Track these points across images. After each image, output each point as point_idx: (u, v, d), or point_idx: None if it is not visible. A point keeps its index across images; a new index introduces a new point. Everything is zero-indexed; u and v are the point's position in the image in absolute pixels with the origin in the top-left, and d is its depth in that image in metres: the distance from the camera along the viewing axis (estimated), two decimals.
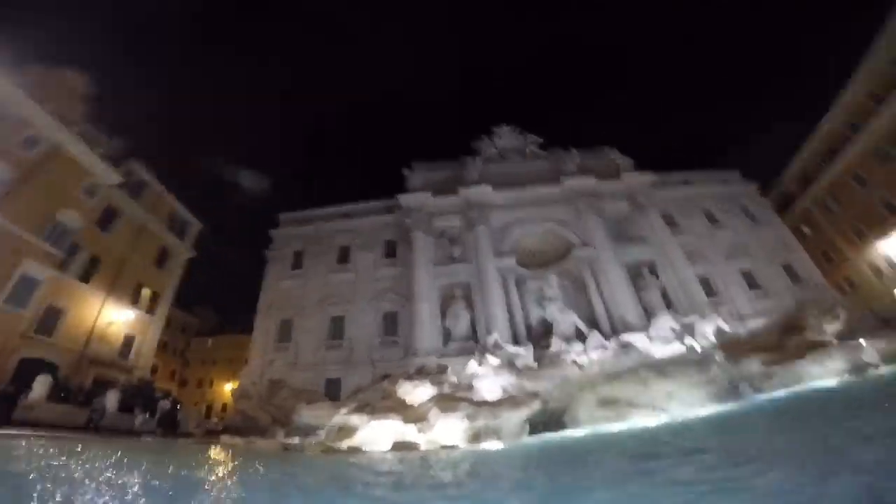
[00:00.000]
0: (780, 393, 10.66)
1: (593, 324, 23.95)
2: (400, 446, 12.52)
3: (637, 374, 11.86)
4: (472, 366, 19.89)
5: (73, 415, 16.89)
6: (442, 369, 21.77)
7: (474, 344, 23.03)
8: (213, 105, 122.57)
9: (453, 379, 20.23)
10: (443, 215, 29.87)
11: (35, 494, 4.08)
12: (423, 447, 12.51)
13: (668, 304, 24.95)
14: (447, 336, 24.99)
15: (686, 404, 10.75)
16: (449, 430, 13.65)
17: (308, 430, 16.59)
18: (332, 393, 24.11)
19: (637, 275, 26.53)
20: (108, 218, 29.32)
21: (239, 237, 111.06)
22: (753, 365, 11.90)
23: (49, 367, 21.67)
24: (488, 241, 27.93)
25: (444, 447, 12.02)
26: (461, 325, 25.24)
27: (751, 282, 30.08)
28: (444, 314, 25.69)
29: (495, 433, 13.07)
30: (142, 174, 32.77)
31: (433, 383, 19.03)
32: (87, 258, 27.30)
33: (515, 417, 13.72)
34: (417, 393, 18.06)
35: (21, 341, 21.89)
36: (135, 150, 32.54)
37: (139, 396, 21.98)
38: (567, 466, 6.88)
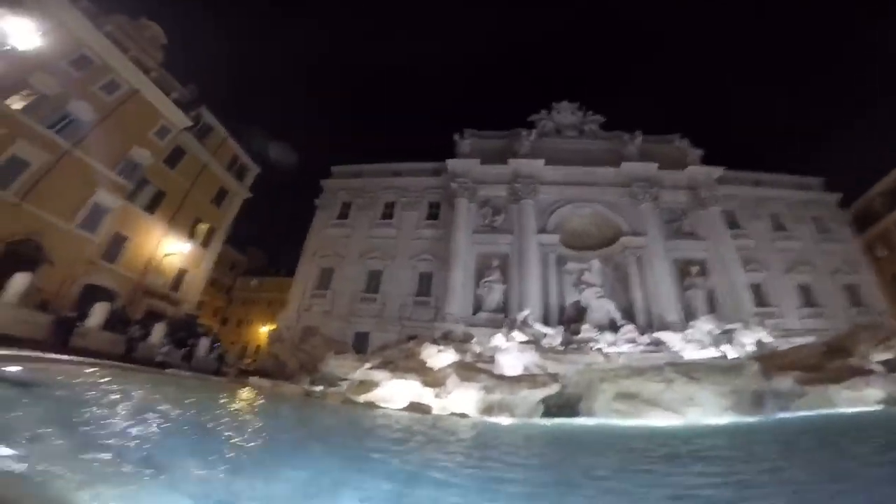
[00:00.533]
0: (804, 413, 9.84)
1: (629, 316, 23.04)
2: (414, 407, 12.74)
3: (662, 373, 11.19)
4: (498, 339, 19.78)
5: (120, 344, 18.09)
6: (467, 337, 21.85)
7: (503, 317, 22.80)
8: (280, 58, 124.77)
9: (477, 349, 20.27)
10: (489, 184, 29.39)
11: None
12: (435, 411, 12.66)
13: (712, 308, 23.51)
14: (478, 305, 24.97)
15: (705, 411, 10.09)
16: (464, 399, 13.70)
17: (332, 380, 17.27)
18: (360, 346, 24.97)
19: (685, 272, 25.06)
20: (175, 157, 31.20)
21: (294, 183, 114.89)
22: (786, 382, 10.92)
23: (108, 295, 23.69)
24: (533, 215, 27.25)
25: (454, 414, 12.08)
26: (493, 296, 25.09)
27: (807, 297, 27.78)
28: (477, 283, 25.57)
29: (509, 409, 12.97)
30: (209, 119, 34.48)
31: (457, 350, 19.14)
32: (153, 191, 29.37)
33: (532, 396, 13.52)
34: (440, 358, 18.24)
35: (88, 267, 24.11)
36: (204, 97, 34.08)
37: (183, 330, 23.65)
38: (576, 451, 6.74)
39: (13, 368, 6.79)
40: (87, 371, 9.25)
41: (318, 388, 16.06)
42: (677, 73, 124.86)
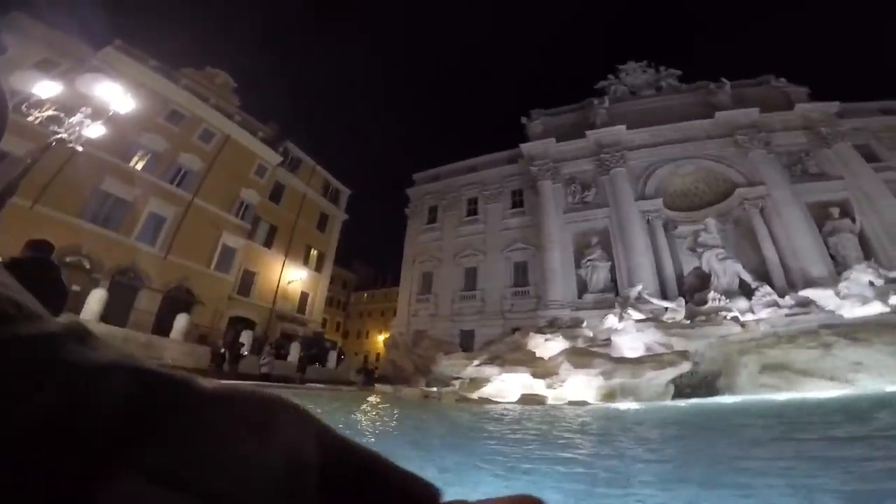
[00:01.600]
0: None
1: (763, 276, 19.88)
2: (527, 399, 12.45)
3: (817, 338, 9.29)
4: (611, 320, 18.54)
5: (261, 366, 19.93)
6: (576, 322, 20.84)
7: (613, 296, 21.27)
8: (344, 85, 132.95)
9: (588, 333, 19.21)
10: (570, 161, 27.92)
11: None
12: (549, 401, 12.22)
13: (867, 255, 19.35)
14: (582, 287, 23.66)
15: (879, 377, 8.08)
16: (580, 386, 13.04)
17: (445, 380, 17.73)
18: (466, 344, 25.25)
19: (824, 217, 21.05)
20: (277, 192, 34.46)
21: (385, 197, 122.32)
22: None
23: (249, 324, 27.19)
24: (627, 183, 25.12)
25: (572, 403, 11.50)
26: (599, 275, 23.55)
27: None
28: (578, 264, 24.25)
29: (633, 393, 12.00)
30: (296, 152, 37.51)
31: (566, 337, 18.37)
32: (266, 227, 32.88)
33: (659, 378, 12.35)
34: (548, 346, 17.66)
35: (229, 302, 27.88)
36: (286, 132, 36.82)
37: (314, 346, 26.26)
38: (712, 437, 5.84)
39: None
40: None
41: (434, 389, 16.58)
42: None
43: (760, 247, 21.39)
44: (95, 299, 14.85)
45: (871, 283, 15.62)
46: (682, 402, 10.52)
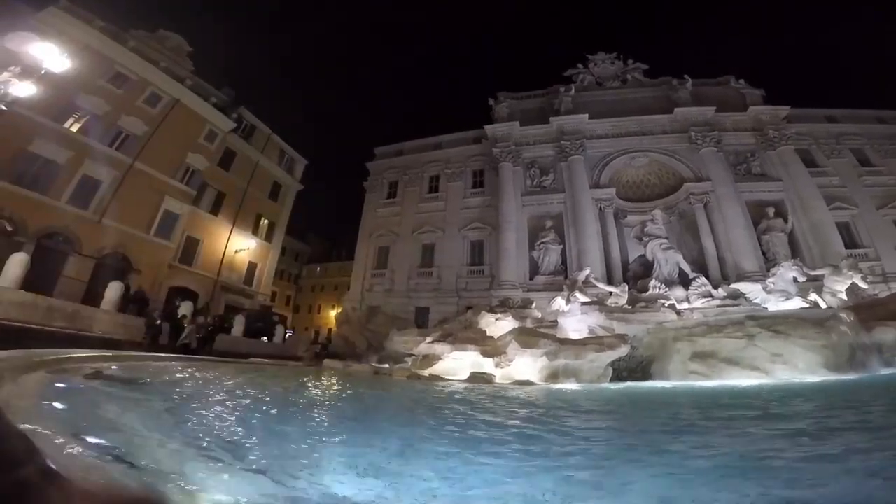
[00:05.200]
0: None
1: (701, 268, 21.32)
2: (476, 378, 12.72)
3: (743, 328, 10.11)
4: (559, 302, 19.18)
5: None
6: (526, 303, 21.50)
7: (563, 279, 22.01)
8: (306, 47, 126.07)
9: (537, 314, 19.87)
10: (532, 145, 28.32)
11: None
12: (497, 381, 12.58)
13: (795, 253, 21.25)
14: (534, 269, 24.37)
15: (794, 369, 8.98)
16: (526, 366, 13.49)
17: (397, 357, 17.78)
18: (421, 321, 25.47)
19: (761, 216, 22.85)
20: (227, 158, 32.85)
21: (343, 170, 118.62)
22: (890, 334, 9.39)
23: (191, 295, 25.68)
24: (584, 171, 25.84)
25: (518, 382, 11.91)
26: (550, 258, 24.31)
27: None
28: (532, 246, 24.91)
29: (575, 374, 12.58)
30: (251, 119, 35.79)
31: (516, 317, 18.89)
32: (214, 194, 31.25)
33: (600, 360, 12.99)
34: (499, 325, 18.10)
35: (169, 271, 26.38)
36: (241, 98, 35.43)
37: (260, 320, 25.38)
38: (646, 414, 6.34)
39: (114, 366, 7.47)
40: (175, 365, 10.14)
41: (386, 366, 16.60)
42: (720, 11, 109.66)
43: (701, 240, 22.83)
44: (15, 263, 13.37)
45: (795, 280, 17.14)
46: (618, 385, 11.18)
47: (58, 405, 3.46)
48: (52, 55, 8.35)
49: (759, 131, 25.96)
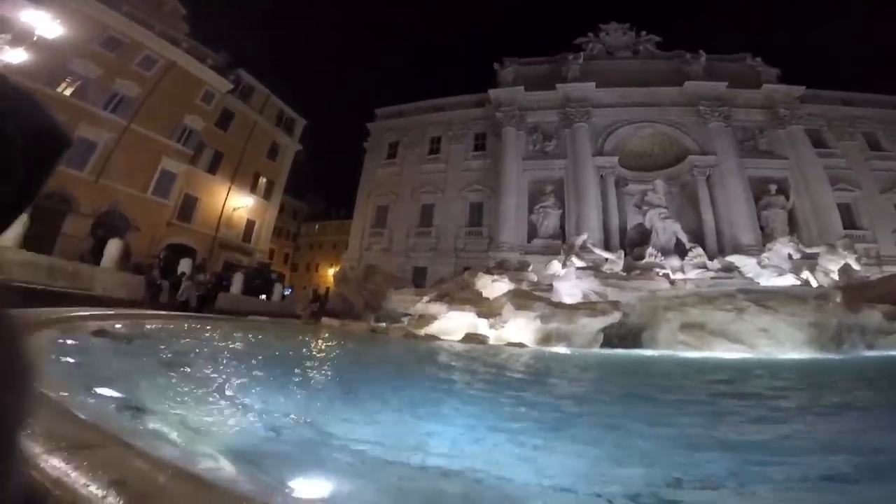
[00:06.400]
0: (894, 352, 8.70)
1: (699, 239, 21.40)
2: (470, 338, 13.10)
3: (733, 301, 10.27)
4: (555, 265, 19.31)
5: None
6: (523, 265, 21.62)
7: (560, 244, 22.13)
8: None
9: (533, 277, 20.05)
10: (536, 110, 27.77)
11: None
12: (491, 342, 12.95)
13: (792, 230, 21.38)
14: (532, 232, 24.51)
15: (779, 345, 9.20)
16: (520, 329, 13.80)
17: (394, 316, 18.10)
18: (418, 281, 25.78)
19: (763, 192, 22.89)
20: (225, 119, 32.53)
21: (343, 130, 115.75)
22: (874, 317, 9.51)
23: (189, 252, 25.81)
24: (588, 138, 25.50)
25: (511, 344, 12.27)
26: (549, 222, 24.41)
27: None
28: (531, 210, 24.93)
29: (566, 338, 12.92)
30: (249, 80, 35.10)
31: (512, 279, 19.05)
32: (212, 153, 31.11)
33: (592, 325, 13.29)
34: (495, 287, 18.27)
35: (168, 228, 26.60)
36: (239, 60, 34.91)
37: (259, 278, 25.58)
38: (635, 380, 6.65)
39: (117, 325, 7.66)
40: (176, 323, 10.38)
41: (382, 325, 16.98)
42: None
43: (700, 211, 22.88)
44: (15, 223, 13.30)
45: (790, 257, 17.21)
46: (607, 351, 11.52)
47: (70, 359, 3.62)
48: (45, 21, 8.12)
49: (770, 109, 25.61)
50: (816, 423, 3.63)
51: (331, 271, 50.55)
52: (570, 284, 17.20)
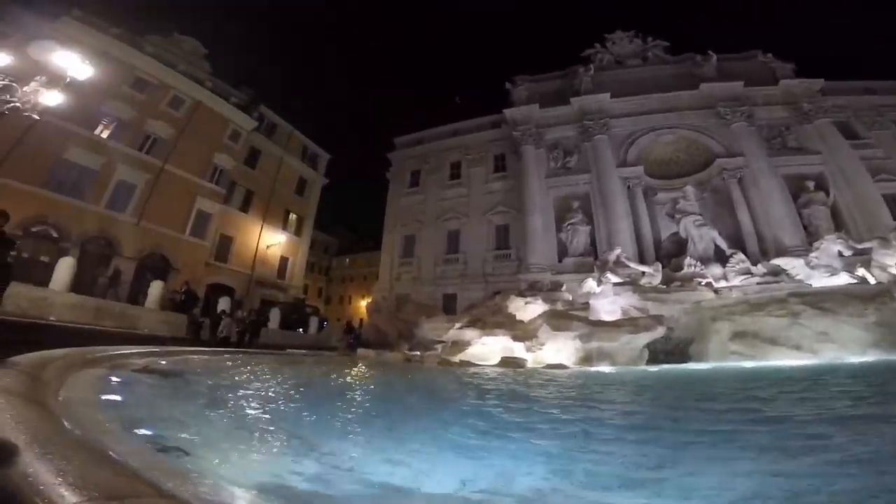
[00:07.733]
0: None
1: (738, 244, 20.49)
2: (507, 362, 12.74)
3: (786, 306, 9.58)
4: (590, 283, 18.80)
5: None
6: (556, 286, 21.16)
7: (593, 260, 21.58)
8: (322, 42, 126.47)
9: (568, 297, 19.57)
10: (553, 127, 27.67)
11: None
12: (529, 365, 12.55)
13: (838, 227, 20.18)
14: (563, 251, 23.99)
15: (843, 348, 8.43)
16: (558, 350, 13.38)
17: (427, 344, 17.89)
18: (449, 307, 25.54)
19: (800, 189, 21.86)
20: (252, 157, 33.63)
21: (366, 162, 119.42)
22: None
23: (228, 291, 26.74)
24: (609, 150, 25.17)
25: (550, 366, 11.83)
26: (579, 239, 23.85)
27: None
28: (559, 227, 24.49)
29: (609, 357, 12.39)
30: (271, 117, 36.41)
31: (546, 300, 18.65)
32: (243, 192, 32.19)
33: (635, 342, 12.74)
34: (529, 309, 17.92)
35: (206, 269, 27.48)
36: (260, 97, 35.94)
37: (295, 313, 26.11)
38: (685, 400, 6.12)
39: (162, 361, 7.85)
40: (219, 358, 10.57)
41: (417, 353, 16.77)
42: None
43: (737, 215, 21.98)
44: (64, 268, 14.20)
45: (841, 254, 16.17)
46: (655, 368, 10.91)
47: (115, 397, 3.66)
48: (75, 63, 8.67)
49: (792, 105, 24.82)
50: None
51: (363, 303, 51.11)
52: (607, 301, 16.66)
